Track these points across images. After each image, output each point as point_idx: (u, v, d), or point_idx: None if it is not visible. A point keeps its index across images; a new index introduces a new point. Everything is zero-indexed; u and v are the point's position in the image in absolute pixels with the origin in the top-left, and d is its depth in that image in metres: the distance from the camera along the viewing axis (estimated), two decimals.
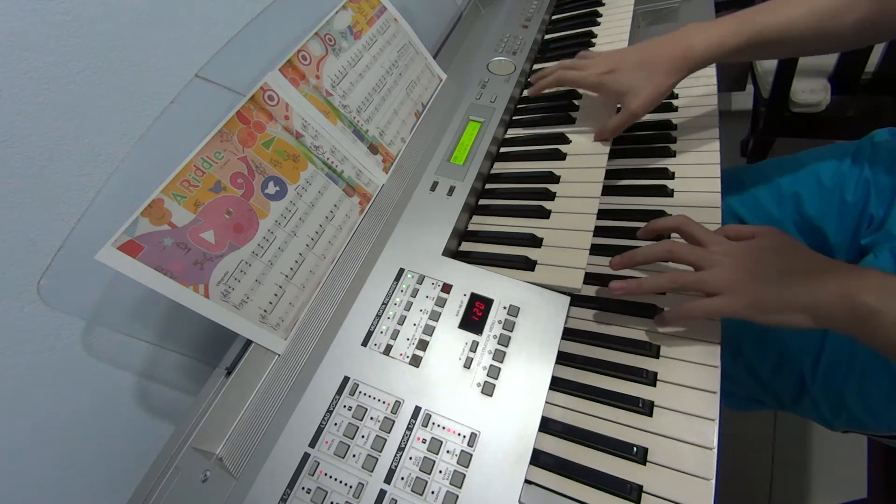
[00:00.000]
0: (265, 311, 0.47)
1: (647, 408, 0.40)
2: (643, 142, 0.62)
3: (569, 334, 0.46)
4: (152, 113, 0.52)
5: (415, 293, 0.47)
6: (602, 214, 0.53)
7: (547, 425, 0.41)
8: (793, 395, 0.54)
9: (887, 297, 0.35)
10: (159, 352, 0.57)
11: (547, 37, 0.80)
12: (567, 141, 0.60)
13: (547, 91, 0.66)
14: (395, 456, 0.39)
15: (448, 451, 0.38)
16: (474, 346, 0.43)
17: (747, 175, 0.67)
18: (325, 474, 0.39)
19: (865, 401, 0.49)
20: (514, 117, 0.68)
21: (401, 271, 0.49)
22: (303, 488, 0.38)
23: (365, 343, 0.45)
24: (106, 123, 0.49)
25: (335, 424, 0.41)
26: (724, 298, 0.41)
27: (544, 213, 0.53)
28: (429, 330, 0.44)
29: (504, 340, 0.43)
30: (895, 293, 0.35)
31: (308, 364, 0.45)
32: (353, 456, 0.39)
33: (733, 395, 0.61)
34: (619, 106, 0.57)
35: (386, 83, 0.62)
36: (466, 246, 0.54)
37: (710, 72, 0.66)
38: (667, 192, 0.56)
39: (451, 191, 0.55)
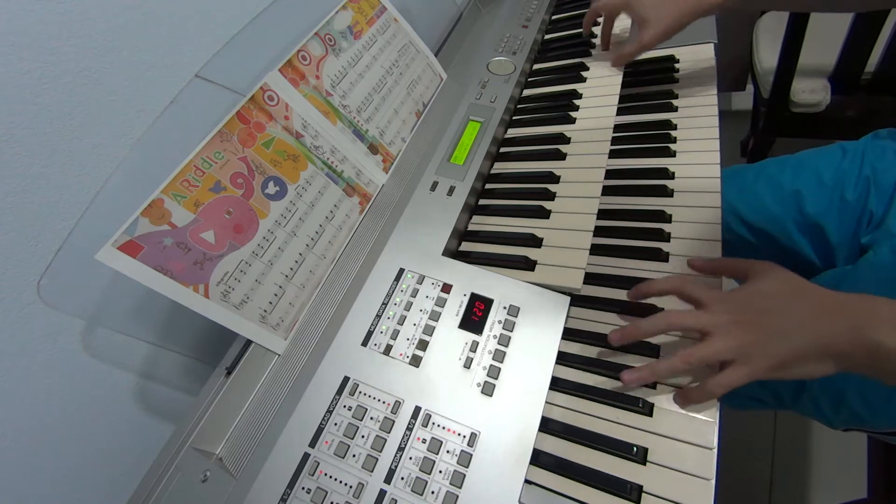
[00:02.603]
0: (265, 311, 0.47)
1: (647, 408, 0.40)
2: (643, 142, 0.62)
3: (569, 334, 0.46)
4: (152, 113, 0.52)
5: (415, 293, 0.47)
6: (602, 214, 0.53)
7: (547, 425, 0.41)
8: (793, 394, 0.54)
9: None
10: (159, 352, 0.57)
11: (547, 37, 0.80)
12: (567, 141, 0.60)
13: (548, 91, 0.69)
14: (395, 456, 0.39)
15: (448, 451, 0.38)
16: (474, 346, 0.43)
17: (748, 173, 0.67)
18: (325, 474, 0.39)
19: (865, 397, 0.49)
20: (514, 117, 0.68)
21: (401, 271, 0.49)
22: (303, 488, 0.38)
23: (365, 343, 0.45)
24: (106, 123, 0.49)
25: (335, 424, 0.41)
26: (741, 367, 0.38)
27: (544, 213, 0.53)
28: (429, 330, 0.44)
29: (504, 340, 0.43)
30: None
31: (308, 364, 0.45)
32: (353, 456, 0.39)
33: (734, 393, 0.60)
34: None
35: (386, 83, 0.62)
36: (466, 246, 0.54)
37: (711, 72, 0.66)
38: (667, 192, 0.56)
39: (451, 191, 0.55)
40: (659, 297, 0.46)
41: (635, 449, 0.38)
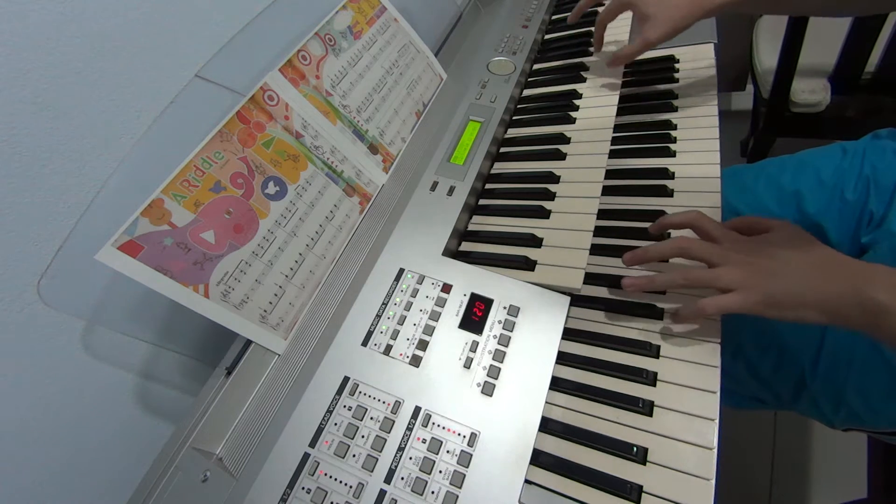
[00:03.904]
0: (265, 311, 0.47)
1: (647, 408, 0.40)
2: (643, 142, 0.62)
3: (569, 334, 0.46)
4: (152, 113, 0.52)
5: (415, 293, 0.47)
6: (602, 214, 0.53)
7: (547, 425, 0.41)
8: (793, 393, 0.54)
9: None
10: (159, 352, 0.57)
11: (547, 37, 0.80)
12: (567, 141, 0.60)
13: (548, 91, 0.69)
14: (395, 456, 0.39)
15: (448, 451, 0.38)
16: (474, 346, 0.43)
17: (748, 173, 0.67)
18: (325, 474, 0.39)
19: (865, 396, 0.49)
20: (514, 117, 0.68)
21: (401, 271, 0.49)
22: (303, 488, 0.38)
23: (365, 343, 0.45)
24: (106, 123, 0.49)
25: (335, 424, 0.41)
26: (737, 295, 0.41)
27: (544, 213, 0.53)
28: (429, 330, 0.44)
29: (504, 340, 0.43)
30: None
31: (308, 364, 0.45)
32: (353, 456, 0.39)
33: (734, 393, 0.61)
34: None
35: (386, 83, 0.62)
36: (466, 246, 0.54)
37: (711, 72, 0.66)
38: (667, 193, 0.56)
39: (451, 191, 0.55)
40: (677, 229, 0.49)
41: (635, 449, 0.38)
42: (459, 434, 0.39)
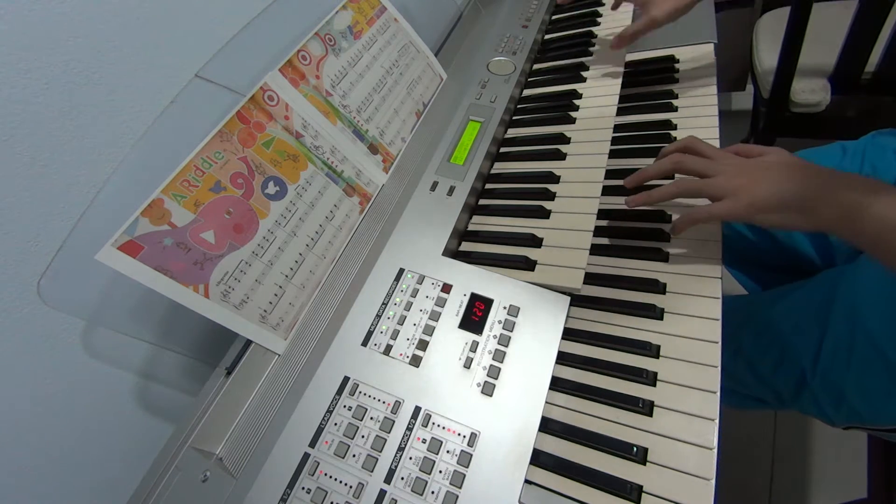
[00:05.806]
0: (265, 311, 0.47)
1: (647, 408, 0.40)
2: (643, 142, 0.62)
3: (569, 334, 0.46)
4: (152, 113, 0.52)
5: (415, 293, 0.47)
6: (602, 214, 0.53)
7: (547, 425, 0.41)
8: (793, 391, 0.54)
9: (874, 194, 0.38)
10: (159, 352, 0.57)
11: (547, 37, 0.80)
12: (567, 141, 0.60)
13: (548, 91, 0.69)
14: (395, 456, 0.39)
15: (448, 451, 0.38)
16: (474, 346, 0.43)
17: None
18: (325, 474, 0.39)
19: (865, 394, 0.50)
20: (514, 117, 0.68)
21: (401, 271, 0.49)
22: (303, 488, 0.38)
23: (365, 343, 0.45)
24: (106, 123, 0.49)
25: (335, 424, 0.41)
26: (726, 202, 0.43)
27: (544, 213, 0.53)
28: (429, 330, 0.44)
29: (504, 340, 0.43)
30: (882, 191, 0.38)
31: (308, 364, 0.45)
32: (353, 456, 0.39)
33: (735, 393, 0.61)
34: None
35: (386, 83, 0.62)
36: (466, 246, 0.54)
37: (711, 72, 0.66)
38: None
39: (451, 191, 0.55)
40: (676, 152, 0.49)
41: (635, 449, 0.38)
42: (459, 434, 0.39)
